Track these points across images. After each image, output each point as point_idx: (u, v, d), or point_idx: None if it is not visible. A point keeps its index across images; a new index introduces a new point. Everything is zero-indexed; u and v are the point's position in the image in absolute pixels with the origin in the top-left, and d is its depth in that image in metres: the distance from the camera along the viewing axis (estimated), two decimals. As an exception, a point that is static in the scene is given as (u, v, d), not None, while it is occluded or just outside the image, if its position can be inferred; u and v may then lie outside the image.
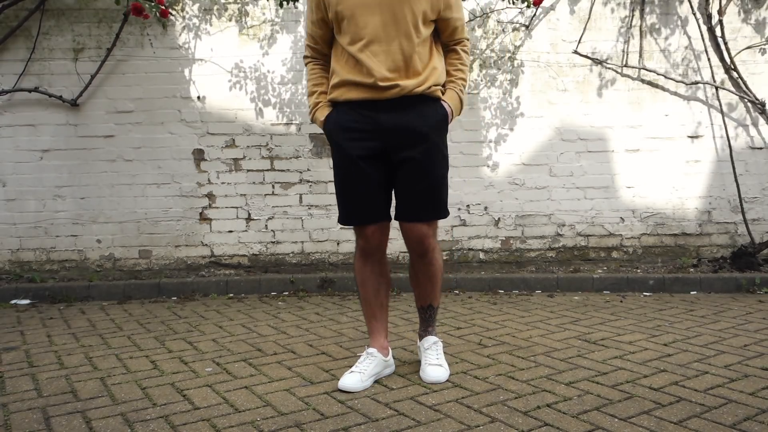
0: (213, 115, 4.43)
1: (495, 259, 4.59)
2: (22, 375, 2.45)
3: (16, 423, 1.96)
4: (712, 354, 2.61)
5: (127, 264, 4.46)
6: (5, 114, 4.33)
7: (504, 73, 4.53)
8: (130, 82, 4.39)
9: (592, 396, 2.13)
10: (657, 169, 4.57)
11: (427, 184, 2.24)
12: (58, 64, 4.34)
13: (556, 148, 4.56)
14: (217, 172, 4.46)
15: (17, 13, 4.25)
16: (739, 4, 4.50)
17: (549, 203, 4.58)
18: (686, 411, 1.98)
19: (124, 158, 4.42)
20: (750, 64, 4.51)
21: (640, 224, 4.60)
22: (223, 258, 4.49)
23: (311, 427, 1.90)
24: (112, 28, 4.32)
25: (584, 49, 4.49)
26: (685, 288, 4.04)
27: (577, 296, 3.94)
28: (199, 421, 1.95)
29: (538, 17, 4.49)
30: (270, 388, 2.26)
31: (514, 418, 1.94)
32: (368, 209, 2.28)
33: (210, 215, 4.48)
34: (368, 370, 2.27)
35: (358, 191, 2.27)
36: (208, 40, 4.40)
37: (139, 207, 4.44)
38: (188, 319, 3.42)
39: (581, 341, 2.84)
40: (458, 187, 4.54)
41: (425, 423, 1.91)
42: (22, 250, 4.41)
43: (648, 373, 2.37)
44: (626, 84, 4.54)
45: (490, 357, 2.60)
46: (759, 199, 4.59)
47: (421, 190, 2.25)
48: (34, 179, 4.37)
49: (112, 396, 2.19)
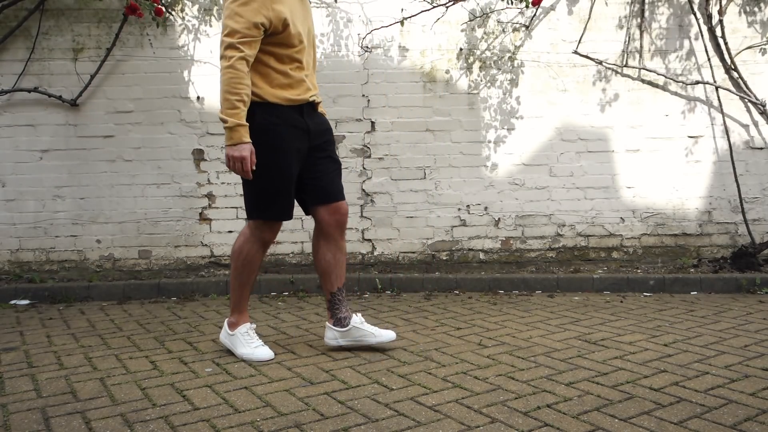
0: (213, 115, 4.43)
1: (495, 260, 4.58)
2: (21, 375, 2.44)
3: (15, 423, 1.96)
4: (713, 354, 2.61)
5: (127, 264, 4.46)
6: (5, 114, 4.33)
7: (504, 74, 4.53)
8: (129, 83, 4.39)
9: (592, 396, 2.13)
10: (657, 169, 4.57)
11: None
12: (57, 64, 4.34)
13: (556, 148, 4.55)
14: (217, 172, 4.46)
15: (17, 13, 4.25)
16: (739, 4, 4.50)
17: (549, 203, 4.58)
18: (687, 411, 1.98)
19: (123, 158, 4.41)
20: (750, 64, 4.51)
21: (641, 224, 4.60)
22: (223, 258, 4.49)
23: (311, 427, 1.90)
24: (111, 28, 4.32)
25: (584, 49, 4.49)
26: (686, 288, 4.03)
27: (577, 296, 3.93)
28: (198, 422, 1.95)
29: (538, 17, 4.49)
30: (270, 388, 2.25)
31: (514, 419, 1.94)
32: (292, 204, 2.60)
33: (210, 215, 4.48)
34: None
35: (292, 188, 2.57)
36: (208, 42, 4.39)
37: (138, 207, 4.44)
38: (188, 319, 3.42)
39: (581, 341, 2.83)
40: (458, 187, 4.54)
41: (425, 423, 1.91)
42: (21, 251, 4.40)
43: (648, 373, 2.36)
44: (626, 84, 4.54)
45: (490, 357, 2.60)
46: (759, 199, 4.58)
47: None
48: (33, 179, 4.37)
49: (111, 396, 2.19)
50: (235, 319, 2.65)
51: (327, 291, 2.69)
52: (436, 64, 4.50)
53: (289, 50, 2.45)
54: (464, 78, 4.51)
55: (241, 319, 2.65)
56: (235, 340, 2.63)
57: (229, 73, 2.33)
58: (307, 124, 2.54)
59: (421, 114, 4.50)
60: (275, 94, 2.44)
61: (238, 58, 2.32)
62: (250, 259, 2.59)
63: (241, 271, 2.61)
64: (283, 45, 2.43)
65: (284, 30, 2.40)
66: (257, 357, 2.57)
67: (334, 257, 2.66)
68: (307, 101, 2.54)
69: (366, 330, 2.67)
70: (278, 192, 2.50)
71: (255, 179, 2.45)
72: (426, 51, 4.49)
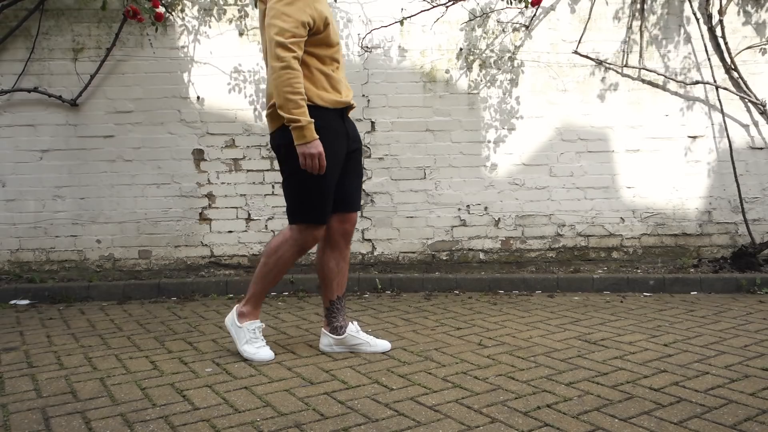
0: (213, 115, 4.43)
1: (495, 260, 4.58)
2: (21, 375, 2.45)
3: (15, 423, 1.96)
4: (713, 354, 2.61)
5: (127, 264, 4.46)
6: (5, 114, 4.33)
7: (504, 73, 4.53)
8: (129, 83, 4.39)
9: (592, 396, 2.13)
10: (657, 169, 4.57)
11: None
12: (57, 64, 4.34)
13: (556, 148, 4.55)
14: (217, 172, 4.46)
15: (17, 13, 4.25)
16: (739, 4, 4.50)
17: (549, 203, 4.58)
18: (686, 411, 1.98)
19: (123, 158, 4.41)
20: (750, 64, 4.51)
21: (641, 224, 4.60)
22: (222, 258, 4.49)
23: (311, 427, 1.90)
24: (111, 29, 4.32)
25: (584, 49, 4.49)
26: (686, 288, 4.03)
27: (577, 296, 3.93)
28: (198, 422, 1.95)
29: (538, 17, 4.49)
30: (270, 388, 2.25)
31: (514, 419, 1.94)
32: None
33: (210, 215, 4.48)
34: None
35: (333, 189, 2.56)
36: (208, 42, 4.39)
37: (138, 207, 4.44)
38: (188, 319, 3.42)
39: (581, 341, 2.83)
40: (458, 187, 4.54)
41: (425, 423, 1.91)
42: (21, 251, 4.40)
43: (648, 373, 2.36)
44: (626, 84, 4.54)
45: (490, 357, 2.60)
46: (759, 199, 4.58)
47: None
48: (33, 179, 4.37)
49: (111, 396, 2.19)
50: (247, 311, 2.62)
51: (326, 298, 2.68)
52: (436, 64, 4.50)
53: (329, 50, 2.43)
54: (464, 78, 4.51)
55: (253, 313, 2.62)
56: (241, 334, 2.61)
57: (289, 73, 2.28)
58: (346, 128, 2.53)
59: (421, 114, 4.50)
60: (321, 96, 2.41)
61: (292, 57, 2.28)
62: (284, 261, 2.56)
63: (270, 269, 2.57)
64: (324, 45, 2.41)
65: (325, 29, 2.39)
66: (259, 358, 2.57)
67: (337, 266, 2.65)
68: (349, 104, 2.52)
69: (361, 339, 2.68)
70: (322, 195, 2.46)
71: (301, 182, 2.43)
72: (426, 51, 4.49)
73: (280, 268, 2.57)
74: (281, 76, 2.28)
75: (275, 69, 2.29)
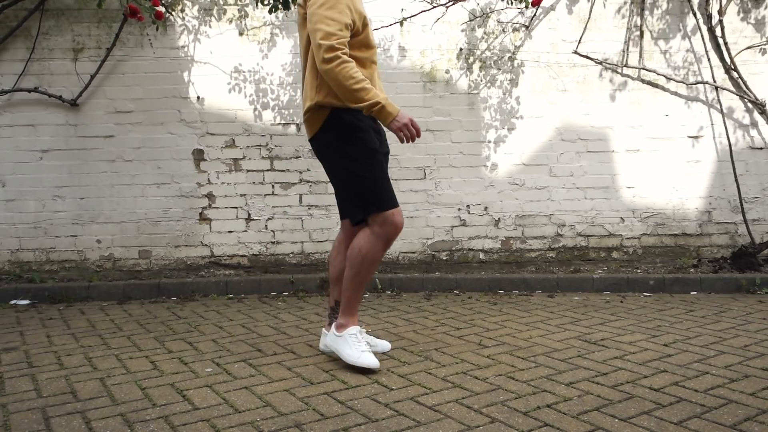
0: (213, 115, 4.43)
1: (495, 260, 4.58)
2: (21, 375, 2.45)
3: (15, 423, 1.96)
4: (713, 354, 2.61)
5: (127, 264, 4.46)
6: (5, 114, 4.33)
7: (504, 73, 4.53)
8: (129, 83, 4.39)
9: (592, 396, 2.13)
10: (657, 169, 4.57)
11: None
12: (57, 64, 4.34)
13: (556, 148, 4.56)
14: (217, 172, 4.46)
15: (17, 13, 4.25)
16: (739, 4, 4.50)
17: (549, 203, 4.58)
18: (686, 411, 1.98)
19: (123, 158, 4.41)
20: (750, 64, 4.51)
21: (641, 224, 4.60)
22: (222, 258, 4.49)
23: (311, 427, 1.90)
24: (111, 28, 4.32)
25: (584, 49, 4.49)
26: (686, 288, 4.03)
27: (577, 296, 3.94)
28: (198, 422, 1.95)
29: (538, 17, 4.49)
30: (270, 388, 2.25)
31: (514, 419, 1.94)
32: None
33: (210, 215, 4.48)
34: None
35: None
36: (208, 42, 4.39)
37: (138, 207, 4.44)
38: (188, 319, 3.42)
39: (581, 341, 2.83)
40: (458, 187, 4.55)
41: (425, 423, 1.91)
42: (21, 251, 4.40)
43: (648, 373, 2.36)
44: (626, 84, 4.54)
45: (490, 357, 2.60)
46: (759, 199, 4.58)
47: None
48: (33, 179, 4.37)
49: (111, 396, 2.19)
50: (345, 321, 2.53)
51: (333, 298, 2.66)
52: (436, 64, 4.50)
53: (368, 52, 2.43)
54: (464, 78, 4.51)
55: (351, 321, 2.53)
56: (343, 342, 2.50)
57: (344, 67, 2.26)
58: (381, 129, 2.56)
59: (421, 114, 4.50)
60: None
61: (342, 52, 2.28)
62: (372, 259, 2.46)
63: (358, 271, 2.47)
64: (364, 46, 2.41)
65: (364, 29, 2.39)
66: (362, 362, 2.41)
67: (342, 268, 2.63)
68: None
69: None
70: (384, 179, 2.45)
71: (360, 175, 2.41)
72: (426, 51, 4.49)
73: (370, 268, 2.48)
74: (339, 72, 2.26)
75: (329, 71, 2.26)
